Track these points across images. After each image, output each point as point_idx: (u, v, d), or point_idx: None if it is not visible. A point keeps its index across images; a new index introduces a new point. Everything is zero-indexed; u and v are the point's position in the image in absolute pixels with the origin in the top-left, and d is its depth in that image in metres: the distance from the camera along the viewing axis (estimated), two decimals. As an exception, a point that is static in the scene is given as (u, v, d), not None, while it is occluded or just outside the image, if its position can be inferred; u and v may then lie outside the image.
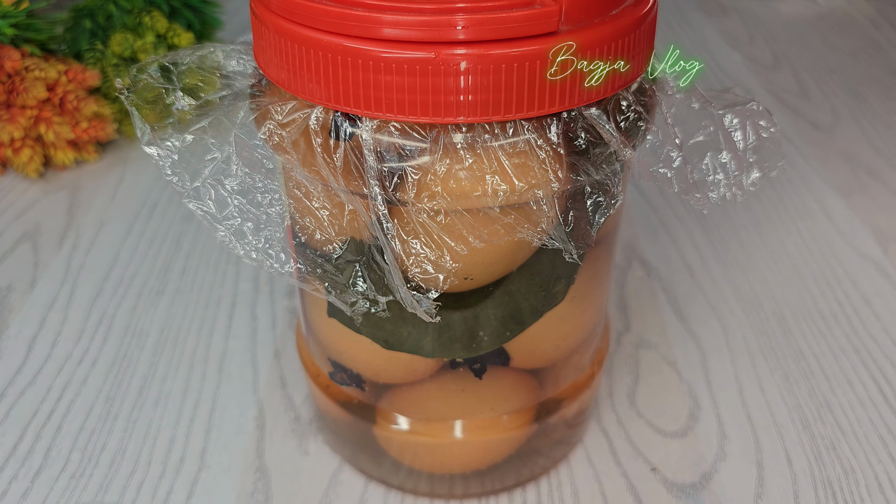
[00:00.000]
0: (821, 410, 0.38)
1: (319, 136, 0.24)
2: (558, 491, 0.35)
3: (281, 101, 0.25)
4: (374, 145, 0.24)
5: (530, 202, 0.25)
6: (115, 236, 0.50)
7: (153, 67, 0.28)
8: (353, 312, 0.27)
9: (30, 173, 0.54)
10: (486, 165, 0.24)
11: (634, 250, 0.49)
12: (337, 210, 0.26)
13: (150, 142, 0.27)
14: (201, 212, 0.27)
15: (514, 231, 0.25)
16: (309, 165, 0.25)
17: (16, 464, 0.36)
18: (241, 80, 0.28)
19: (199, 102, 0.27)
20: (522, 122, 0.24)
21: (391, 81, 0.23)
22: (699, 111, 0.28)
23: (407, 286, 0.25)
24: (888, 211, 0.53)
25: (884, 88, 0.68)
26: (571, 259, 0.26)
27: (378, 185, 0.24)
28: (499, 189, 0.24)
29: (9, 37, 0.54)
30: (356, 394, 0.33)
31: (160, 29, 0.58)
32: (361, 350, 0.31)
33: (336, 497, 0.34)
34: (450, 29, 0.22)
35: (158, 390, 0.39)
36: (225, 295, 0.45)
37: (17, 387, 0.39)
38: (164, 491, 0.35)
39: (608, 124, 0.25)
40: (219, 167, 0.27)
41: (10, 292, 0.45)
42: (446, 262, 0.25)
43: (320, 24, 0.23)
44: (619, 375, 0.40)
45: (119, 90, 0.28)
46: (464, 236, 0.25)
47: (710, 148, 0.28)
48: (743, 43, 0.76)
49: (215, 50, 0.28)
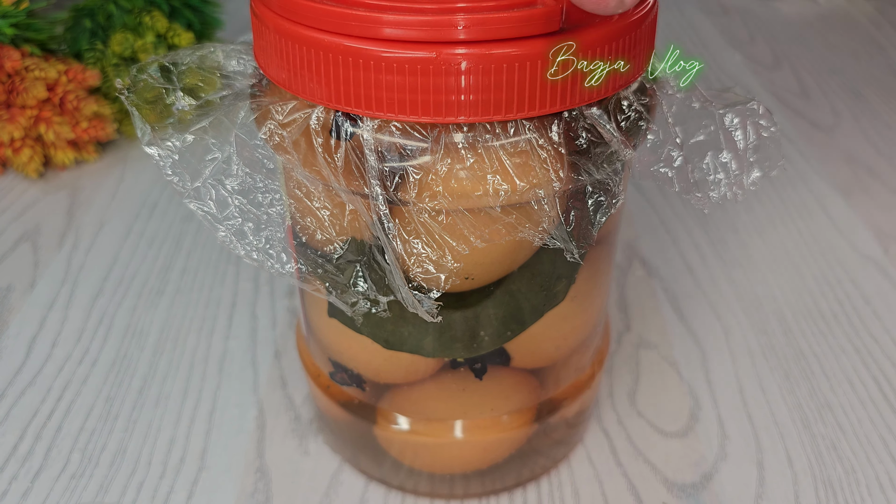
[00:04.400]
0: (821, 410, 0.38)
1: (320, 136, 0.24)
2: (559, 491, 0.35)
3: (281, 101, 0.25)
4: (374, 145, 0.24)
5: (531, 202, 0.25)
6: (115, 236, 0.50)
7: (153, 67, 0.28)
8: (353, 313, 0.27)
9: (30, 173, 0.54)
10: (487, 165, 0.24)
11: (634, 250, 0.49)
12: (338, 210, 0.26)
13: (151, 142, 0.27)
14: (202, 212, 0.27)
15: (516, 230, 0.25)
16: (310, 165, 0.25)
17: (16, 464, 0.36)
18: (241, 80, 0.28)
19: (199, 102, 0.27)
20: (523, 121, 0.24)
21: (392, 81, 0.22)
22: (700, 111, 0.28)
23: (408, 286, 0.25)
24: (889, 211, 0.53)
25: (884, 88, 0.68)
26: (573, 259, 0.26)
27: (379, 184, 0.24)
28: (500, 189, 0.24)
29: (9, 37, 0.54)
30: (357, 394, 0.32)
31: (160, 29, 0.58)
32: (362, 350, 0.30)
33: (336, 497, 0.34)
34: (451, 29, 0.22)
35: (158, 390, 0.39)
36: (225, 295, 0.45)
37: (17, 387, 0.39)
38: (165, 491, 0.35)
39: (609, 124, 0.25)
40: (219, 167, 0.27)
41: (10, 292, 0.45)
42: (448, 262, 0.25)
43: (321, 24, 0.23)
44: (620, 375, 0.40)
45: (119, 90, 0.27)
46: (465, 236, 0.25)
47: (710, 147, 0.28)
48: (743, 43, 0.76)
49: (215, 50, 0.28)
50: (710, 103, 0.28)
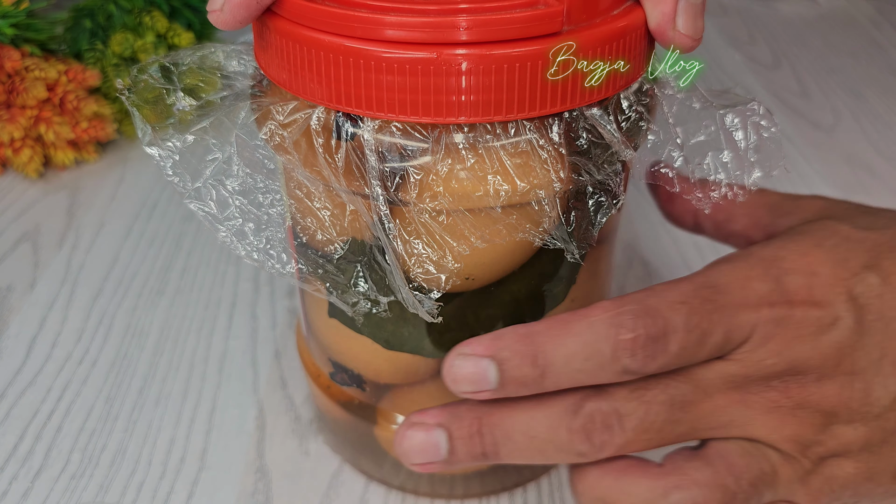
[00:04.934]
0: (821, 410, 0.38)
1: (321, 137, 0.24)
2: (559, 491, 0.35)
3: (282, 102, 0.25)
4: (375, 145, 0.24)
5: (532, 202, 0.25)
6: (115, 236, 0.50)
7: (154, 68, 0.28)
8: (354, 313, 0.27)
9: (30, 173, 0.54)
10: (488, 165, 0.24)
11: (634, 250, 0.49)
12: (338, 210, 0.26)
13: (152, 142, 0.27)
14: (202, 212, 0.27)
15: (516, 231, 0.25)
16: (310, 166, 0.25)
17: (16, 464, 0.36)
18: (241, 80, 0.28)
19: (199, 103, 0.27)
20: (524, 122, 0.24)
21: (392, 81, 0.22)
22: (700, 111, 0.28)
23: (409, 286, 0.25)
24: (888, 211, 0.53)
25: (884, 88, 0.68)
26: (574, 259, 0.26)
27: (380, 185, 0.24)
28: (500, 189, 0.24)
29: (9, 37, 0.54)
30: (357, 394, 0.32)
31: (160, 29, 0.58)
32: (362, 350, 0.30)
33: (336, 497, 0.34)
34: (453, 30, 0.22)
35: (158, 390, 0.39)
36: (225, 295, 0.45)
37: (17, 387, 0.39)
38: (165, 491, 0.34)
39: (609, 124, 0.25)
40: (220, 167, 0.27)
41: (10, 292, 0.45)
42: (448, 263, 0.25)
43: (322, 25, 0.23)
44: (620, 375, 0.40)
45: (119, 90, 0.28)
46: (465, 236, 0.25)
47: (711, 147, 0.28)
48: (743, 43, 0.76)
49: (216, 50, 0.28)
50: (711, 103, 0.28)
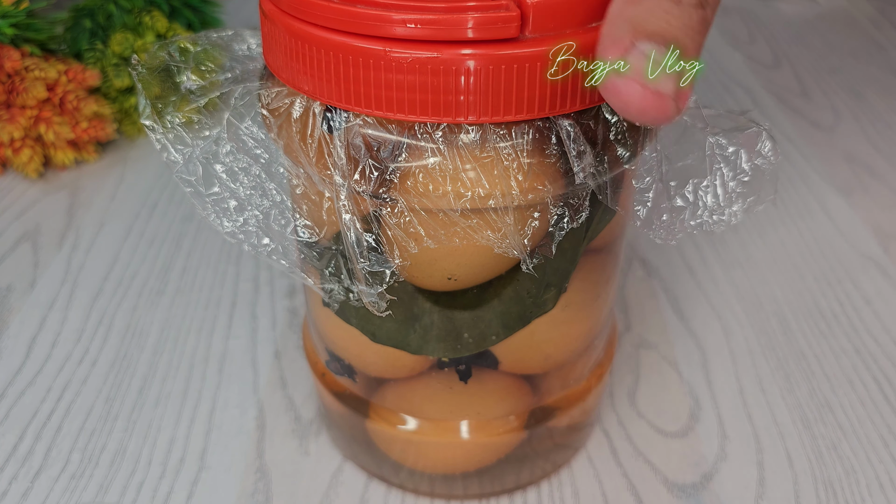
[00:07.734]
0: (821, 410, 0.38)
1: (310, 127, 0.24)
2: (559, 491, 0.35)
3: (278, 87, 0.25)
4: (363, 140, 0.24)
5: (521, 206, 0.24)
6: (115, 236, 0.50)
7: (173, 46, 0.28)
8: (330, 300, 0.27)
9: (30, 173, 0.54)
10: (476, 166, 0.23)
11: (634, 250, 0.49)
12: (317, 197, 0.26)
13: (149, 116, 0.27)
14: (195, 190, 0.27)
15: (475, 235, 0.25)
16: (291, 152, 0.25)
17: (16, 464, 0.36)
18: (249, 63, 0.28)
19: (205, 83, 0.27)
20: (522, 123, 0.24)
21: (393, 79, 0.22)
22: (697, 132, 0.28)
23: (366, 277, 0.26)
24: (889, 210, 0.53)
25: (884, 88, 0.68)
26: (528, 270, 0.25)
27: (341, 174, 0.24)
28: (489, 192, 0.23)
29: (9, 37, 0.54)
30: (349, 385, 0.33)
31: (160, 28, 0.58)
32: (352, 341, 0.31)
33: (336, 497, 0.34)
34: (454, 29, 0.22)
35: (158, 390, 0.39)
36: (225, 295, 0.45)
37: (17, 387, 0.39)
38: (165, 491, 0.35)
39: (606, 129, 0.25)
40: (228, 155, 0.27)
41: (10, 292, 0.45)
42: (397, 259, 0.25)
43: (323, 22, 0.23)
44: (620, 375, 0.40)
45: (133, 64, 0.27)
46: (420, 235, 0.25)
47: (694, 174, 0.28)
48: (743, 43, 0.76)
49: (245, 35, 0.29)
50: (706, 126, 0.27)
